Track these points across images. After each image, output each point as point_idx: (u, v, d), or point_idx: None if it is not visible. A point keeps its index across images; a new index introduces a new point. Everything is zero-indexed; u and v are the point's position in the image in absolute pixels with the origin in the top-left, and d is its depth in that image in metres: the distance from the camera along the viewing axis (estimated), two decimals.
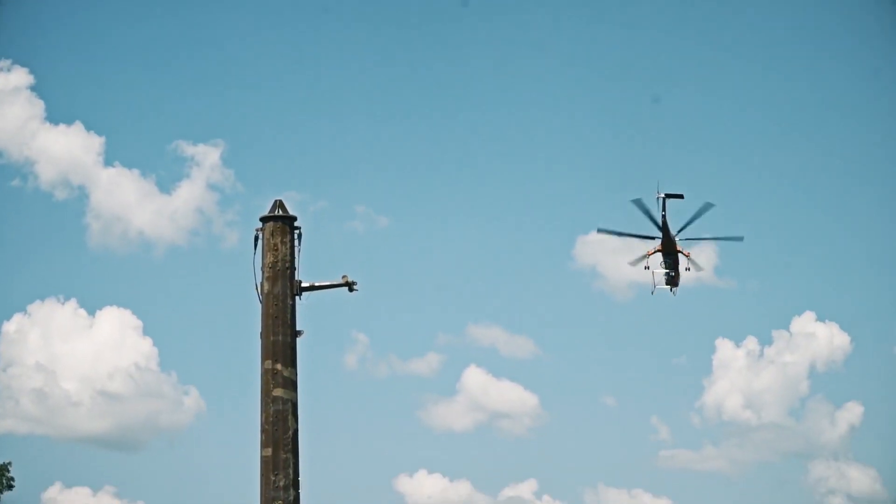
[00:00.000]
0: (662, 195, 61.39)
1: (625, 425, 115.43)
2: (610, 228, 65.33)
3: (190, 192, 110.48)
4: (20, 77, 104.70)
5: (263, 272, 24.04)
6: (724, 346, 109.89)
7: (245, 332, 25.16)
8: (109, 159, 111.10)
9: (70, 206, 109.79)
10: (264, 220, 24.22)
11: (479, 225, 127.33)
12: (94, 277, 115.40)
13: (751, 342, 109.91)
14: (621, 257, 68.99)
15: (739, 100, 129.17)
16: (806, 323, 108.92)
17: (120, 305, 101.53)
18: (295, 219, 24.25)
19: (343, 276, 24.51)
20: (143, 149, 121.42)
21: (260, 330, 23.96)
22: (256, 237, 24.20)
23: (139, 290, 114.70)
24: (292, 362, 23.83)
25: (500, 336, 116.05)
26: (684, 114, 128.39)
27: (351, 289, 24.50)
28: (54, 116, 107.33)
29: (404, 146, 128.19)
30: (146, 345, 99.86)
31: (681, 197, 61.88)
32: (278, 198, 24.32)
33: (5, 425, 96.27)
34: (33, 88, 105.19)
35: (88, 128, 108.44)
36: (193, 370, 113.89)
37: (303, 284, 24.13)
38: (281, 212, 24.17)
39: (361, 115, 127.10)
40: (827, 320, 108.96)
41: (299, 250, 24.22)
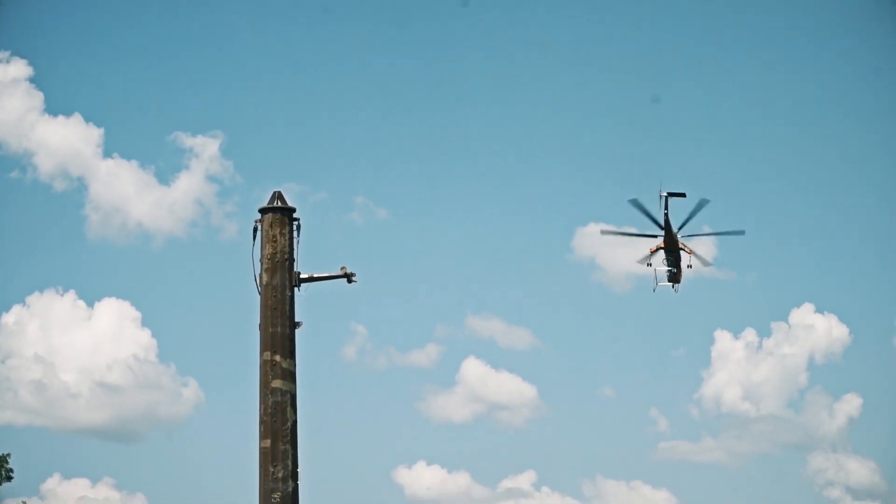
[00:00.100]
0: (665, 193, 61.67)
1: (623, 417, 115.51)
2: (612, 230, 65.74)
3: (189, 184, 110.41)
4: (19, 69, 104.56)
5: (262, 263, 24.02)
6: (723, 338, 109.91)
7: (244, 323, 25.15)
8: (108, 151, 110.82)
9: (69, 198, 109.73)
10: (263, 211, 24.18)
11: (478, 216, 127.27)
12: (93, 269, 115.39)
13: (749, 334, 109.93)
14: (620, 249, 69.19)
15: (738, 95, 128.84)
16: (805, 315, 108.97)
17: (119, 297, 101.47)
18: (294, 210, 24.22)
19: (342, 268, 24.48)
20: (141, 140, 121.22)
21: (259, 321, 23.94)
22: (255, 228, 24.17)
23: (138, 281, 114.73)
24: (291, 354, 23.81)
25: (498, 328, 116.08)
26: (683, 108, 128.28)
27: (350, 280, 24.48)
28: (53, 108, 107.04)
29: (404, 138, 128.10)
30: (145, 336, 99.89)
31: (683, 195, 62.16)
32: (277, 189, 24.30)
33: (4, 417, 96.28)
34: (32, 80, 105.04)
35: (87, 119, 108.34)
36: (192, 362, 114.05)
37: (302, 276, 24.10)
38: (280, 203, 24.14)
39: (361, 107, 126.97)
40: (826, 312, 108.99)
41: (298, 242, 24.20)
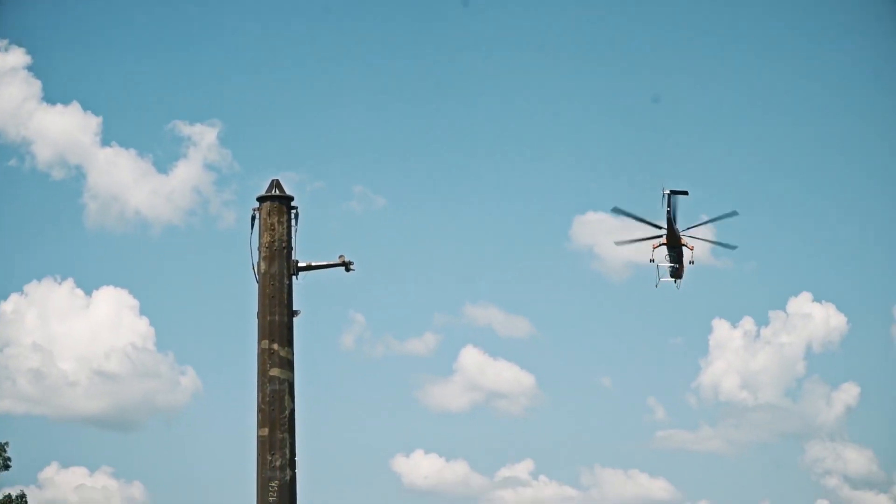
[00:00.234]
0: (668, 191, 61.93)
1: (621, 406, 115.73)
2: (626, 210, 65.53)
3: (187, 172, 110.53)
4: (17, 57, 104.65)
5: (260, 252, 24.01)
6: (721, 327, 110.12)
7: (242, 311, 25.15)
8: (106, 139, 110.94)
9: (67, 186, 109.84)
10: (261, 199, 24.16)
11: (476, 205, 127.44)
12: (91, 257, 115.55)
13: (747, 323, 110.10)
14: (618, 238, 69.00)
15: (735, 88, 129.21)
16: (802, 304, 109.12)
17: (117, 285, 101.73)
18: (292, 198, 24.20)
19: (340, 256, 24.47)
20: (140, 129, 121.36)
21: (257, 310, 23.93)
22: (253, 217, 24.15)
23: (136, 270, 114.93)
24: (289, 342, 23.80)
25: (496, 316, 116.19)
26: (680, 101, 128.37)
27: (348, 269, 24.47)
28: (51, 96, 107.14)
29: (402, 127, 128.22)
30: (143, 325, 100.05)
31: (685, 193, 62.41)
32: (275, 177, 24.28)
33: (2, 405, 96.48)
34: (30, 68, 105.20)
35: (85, 108, 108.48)
36: (190, 350, 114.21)
37: (300, 264, 24.09)
38: (278, 191, 24.12)
39: (359, 96, 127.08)
40: (823, 301, 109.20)
41: (296, 230, 24.18)
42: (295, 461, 23.55)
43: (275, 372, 23.56)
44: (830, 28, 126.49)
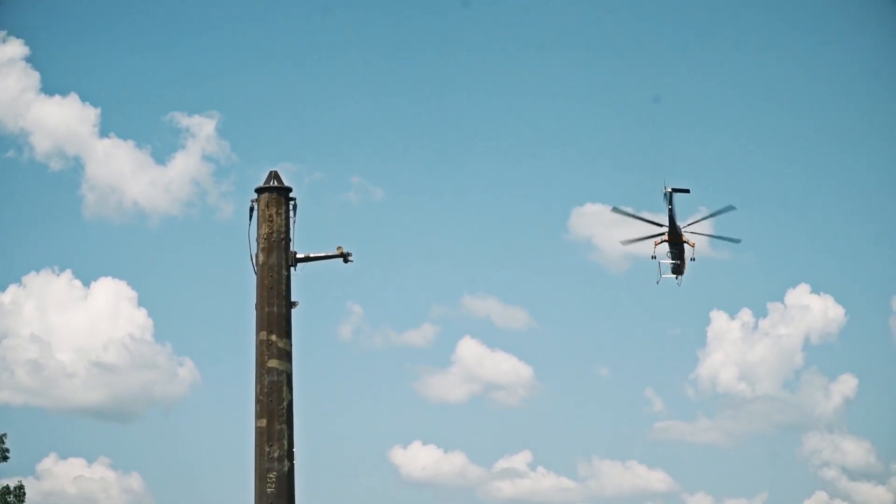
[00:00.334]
0: (669, 189, 62.33)
1: (619, 397, 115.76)
2: (625, 210, 65.89)
3: (185, 164, 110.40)
4: (15, 48, 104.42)
5: (258, 243, 24.02)
6: (719, 318, 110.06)
7: (240, 303, 25.19)
8: (105, 130, 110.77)
9: (65, 178, 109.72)
10: (259, 191, 24.18)
11: (474, 196, 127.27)
12: (89, 249, 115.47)
13: (745, 314, 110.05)
14: (616, 230, 69.11)
15: (734, 81, 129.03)
16: (800, 295, 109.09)
17: (115, 276, 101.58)
18: (290, 190, 24.21)
19: (338, 248, 24.49)
20: (138, 120, 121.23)
21: (255, 301, 23.94)
22: (251, 208, 24.16)
23: (134, 261, 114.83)
24: (287, 333, 23.82)
25: (494, 307, 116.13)
26: (680, 96, 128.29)
27: (346, 260, 24.48)
28: (49, 88, 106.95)
29: (400, 118, 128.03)
30: (141, 316, 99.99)
31: (687, 191, 62.79)
32: (273, 169, 24.29)
33: (0, 396, 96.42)
34: (28, 60, 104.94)
35: (84, 99, 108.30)
36: (188, 341, 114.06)
37: (298, 255, 24.11)
38: (276, 183, 24.13)
39: (357, 87, 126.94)
40: (822, 292, 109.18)
41: (294, 221, 24.20)
42: (293, 452, 23.58)
43: (273, 363, 23.57)
44: (827, 21, 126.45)
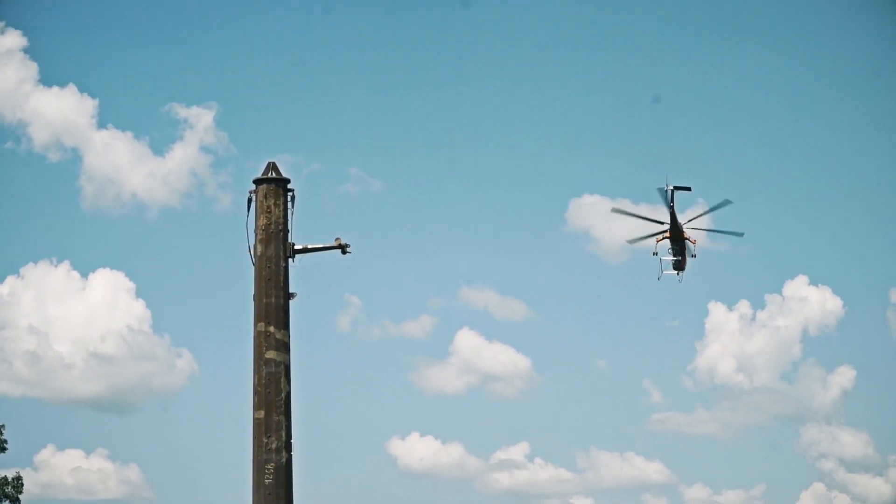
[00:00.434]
0: (671, 187, 62.69)
1: (617, 388, 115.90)
2: (624, 210, 66.28)
3: (183, 155, 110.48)
4: (13, 39, 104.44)
5: (256, 234, 23.99)
6: (717, 310, 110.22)
7: (238, 294, 25.18)
8: (103, 121, 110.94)
9: (63, 169, 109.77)
10: (258, 182, 24.15)
11: (472, 188, 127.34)
12: (88, 240, 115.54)
13: (743, 306, 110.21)
14: (615, 221, 69.31)
15: (732, 73, 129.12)
16: (799, 287, 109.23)
17: (113, 268, 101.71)
18: (288, 181, 24.18)
19: (336, 239, 24.45)
20: (136, 111, 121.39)
21: (253, 292, 23.92)
22: (250, 199, 24.13)
23: (132, 252, 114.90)
24: (285, 325, 23.80)
25: (492, 299, 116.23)
26: (677, 89, 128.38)
27: (344, 251, 24.46)
28: (48, 79, 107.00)
29: (398, 110, 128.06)
30: (139, 307, 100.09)
31: (688, 189, 63.08)
32: (272, 160, 24.26)
33: None
34: (27, 51, 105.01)
35: (82, 90, 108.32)
36: (186, 332, 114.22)
37: (296, 247, 24.09)
38: (274, 174, 24.10)
39: (355, 79, 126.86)
40: (820, 284, 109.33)
41: (293, 212, 24.17)
42: (291, 444, 23.56)
43: (271, 354, 23.55)
44: (824, 15, 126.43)
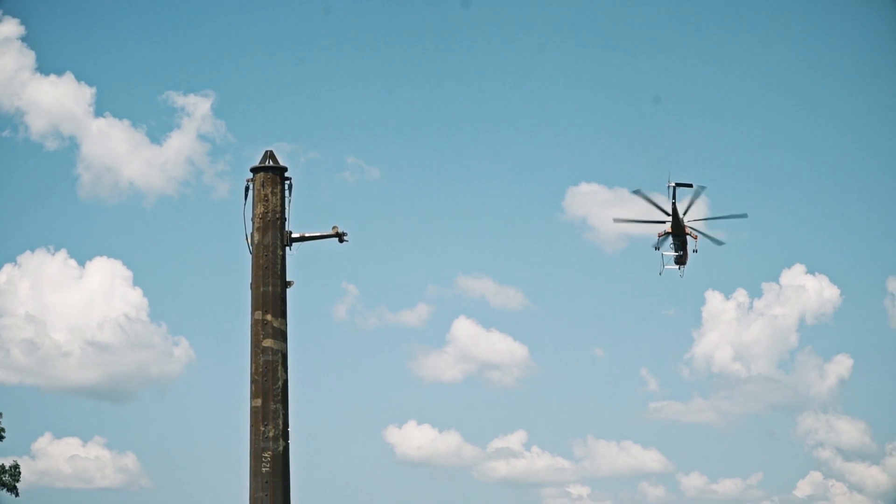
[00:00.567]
0: (673, 184, 63.43)
1: (614, 377, 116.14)
2: (625, 218, 66.86)
3: (181, 143, 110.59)
4: (11, 28, 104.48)
5: (254, 223, 24.00)
6: (714, 299, 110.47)
7: (235, 282, 25.20)
8: (100, 110, 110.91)
9: (61, 157, 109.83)
10: (255, 170, 24.15)
11: (469, 176, 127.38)
12: (85, 228, 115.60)
13: (741, 294, 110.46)
14: (612, 209, 69.47)
15: (729, 64, 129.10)
16: (796, 275, 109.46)
17: (110, 256, 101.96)
18: (286, 169, 24.18)
19: (333, 227, 24.46)
20: (133, 99, 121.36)
21: (250, 280, 23.93)
22: (247, 187, 24.14)
23: (129, 240, 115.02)
24: (282, 313, 23.82)
25: (489, 287, 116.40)
26: (675, 81, 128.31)
27: (341, 240, 24.47)
28: (45, 67, 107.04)
29: (396, 98, 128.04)
30: (136, 295, 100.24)
31: (690, 186, 63.61)
32: (269, 148, 24.26)
33: None
34: (24, 39, 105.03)
35: (79, 78, 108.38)
36: (183, 321, 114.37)
37: (293, 235, 24.10)
38: (272, 162, 24.10)
39: (354, 67, 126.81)
40: (817, 273, 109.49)
41: (290, 201, 24.18)
42: (288, 432, 23.60)
43: (268, 342, 23.58)
44: (822, 9, 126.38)
